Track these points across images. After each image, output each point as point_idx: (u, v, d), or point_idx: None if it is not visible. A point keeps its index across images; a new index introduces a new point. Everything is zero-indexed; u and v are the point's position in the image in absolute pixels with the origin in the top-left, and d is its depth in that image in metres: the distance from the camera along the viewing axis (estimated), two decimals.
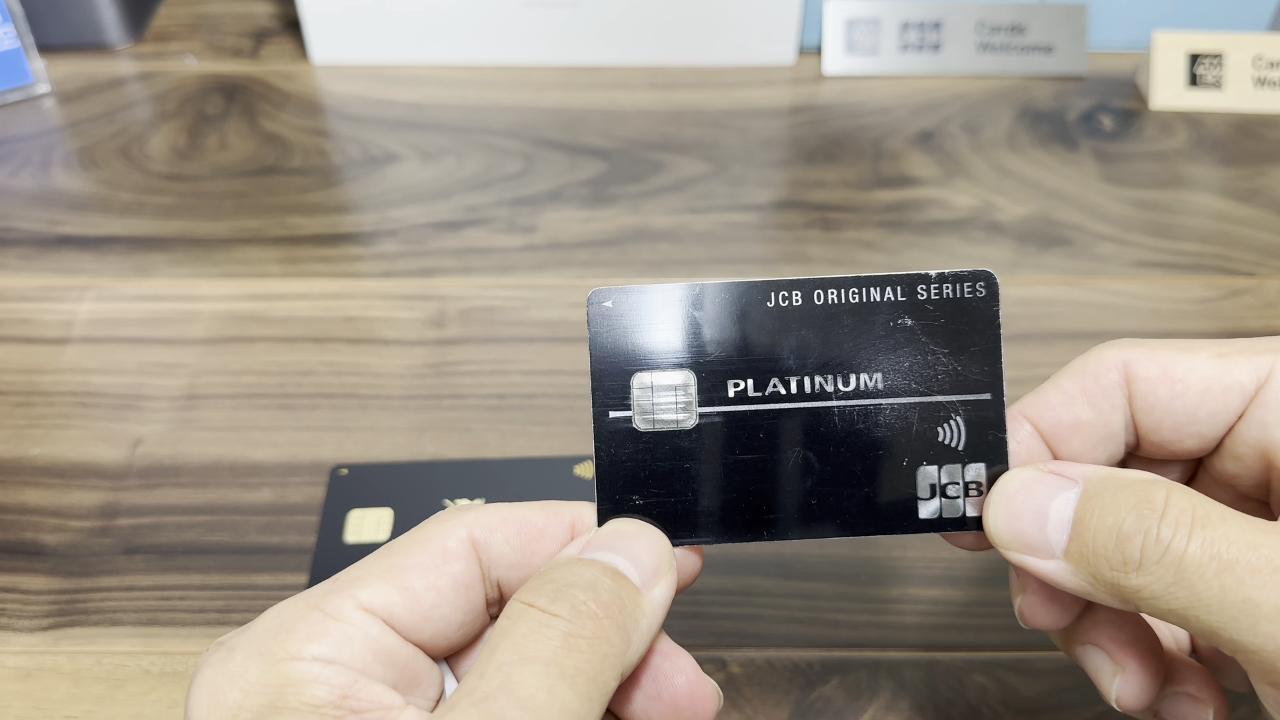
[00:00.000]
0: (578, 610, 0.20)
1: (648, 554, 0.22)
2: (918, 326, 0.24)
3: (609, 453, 0.24)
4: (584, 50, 0.60)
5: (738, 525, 0.24)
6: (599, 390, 0.24)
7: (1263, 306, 0.47)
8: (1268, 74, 0.58)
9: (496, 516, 0.23)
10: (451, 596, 0.21)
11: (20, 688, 0.34)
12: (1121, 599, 0.21)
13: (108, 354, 0.44)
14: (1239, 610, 0.19)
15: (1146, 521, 0.20)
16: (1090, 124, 0.57)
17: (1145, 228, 0.51)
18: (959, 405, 0.24)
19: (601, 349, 0.24)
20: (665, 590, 0.22)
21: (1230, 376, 0.23)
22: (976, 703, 0.34)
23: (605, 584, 0.21)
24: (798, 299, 0.24)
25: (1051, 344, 0.45)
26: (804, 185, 0.53)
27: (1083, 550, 0.21)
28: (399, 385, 0.43)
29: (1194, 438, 0.24)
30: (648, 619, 0.21)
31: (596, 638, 0.20)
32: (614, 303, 0.24)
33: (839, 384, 0.24)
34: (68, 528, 0.38)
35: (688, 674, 0.22)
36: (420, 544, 0.22)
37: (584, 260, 0.49)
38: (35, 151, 0.55)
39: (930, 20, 0.59)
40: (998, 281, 0.25)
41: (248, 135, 0.56)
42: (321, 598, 0.21)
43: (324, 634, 0.20)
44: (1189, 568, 0.20)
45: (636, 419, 0.24)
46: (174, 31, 0.63)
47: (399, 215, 0.51)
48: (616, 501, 0.23)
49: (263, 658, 0.20)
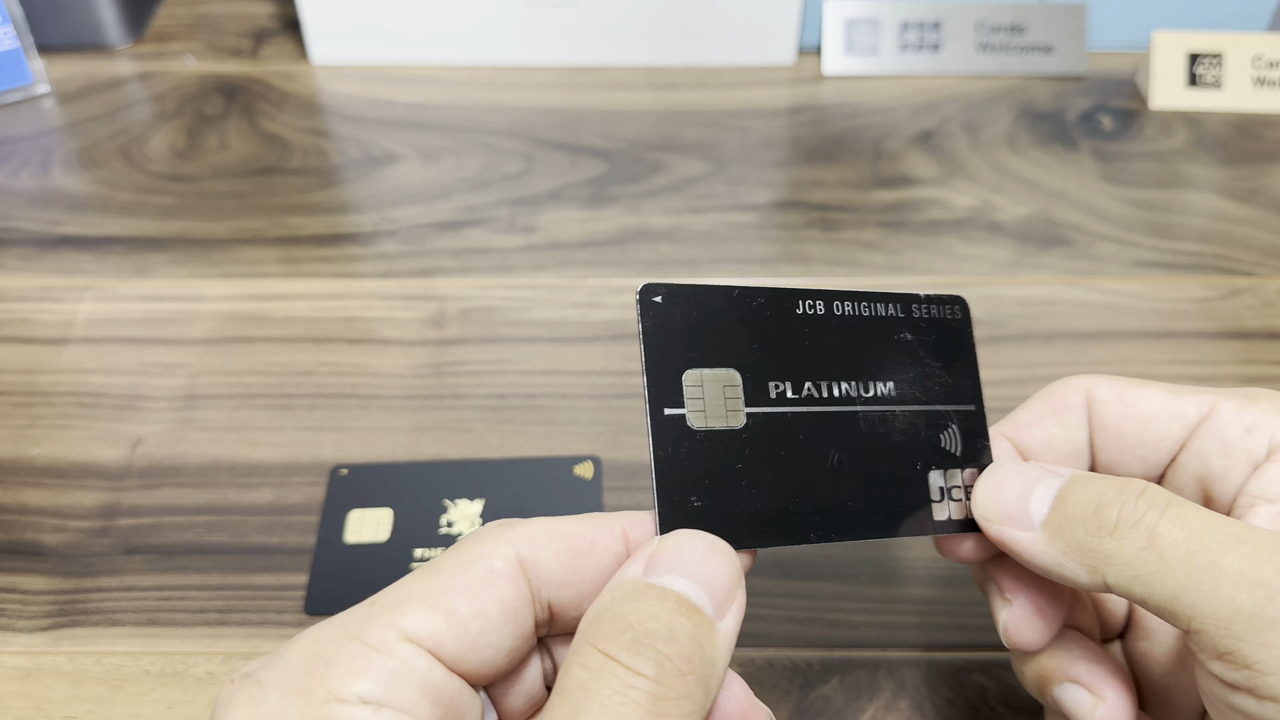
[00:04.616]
0: (663, 669, 0.19)
1: (720, 576, 0.21)
2: (916, 341, 0.26)
3: (667, 450, 0.22)
4: (584, 50, 0.60)
5: (788, 527, 0.23)
6: (654, 386, 0.23)
7: (1262, 306, 0.47)
8: (1267, 74, 0.58)
9: (543, 532, 0.21)
10: (500, 622, 0.20)
11: (20, 688, 0.34)
12: (1090, 567, 0.22)
13: (108, 354, 0.44)
14: (1203, 573, 0.20)
15: (1125, 495, 0.22)
16: (1090, 124, 0.57)
17: (1145, 227, 0.51)
18: (954, 414, 0.26)
19: (654, 344, 0.23)
20: (736, 617, 0.21)
21: (1176, 407, 0.25)
22: (976, 703, 0.34)
23: (684, 628, 0.19)
24: (820, 308, 0.25)
25: (1051, 344, 0.45)
26: (804, 185, 0.53)
27: (1061, 519, 0.23)
28: (399, 385, 0.43)
29: (1139, 460, 0.26)
30: (723, 657, 0.20)
31: (682, 698, 0.19)
32: (663, 297, 0.23)
33: (861, 390, 0.25)
34: (68, 528, 0.38)
35: (740, 701, 0.22)
36: (463, 564, 0.20)
37: (584, 260, 0.49)
38: (35, 151, 0.55)
39: (930, 20, 0.59)
40: (968, 305, 0.27)
41: (247, 135, 0.56)
42: (361, 626, 0.19)
43: (367, 669, 0.19)
44: (1161, 534, 0.21)
45: (690, 416, 0.23)
46: (174, 31, 0.63)
47: (399, 215, 0.51)
48: (676, 503, 0.22)
49: (302, 698, 0.18)
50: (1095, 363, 0.44)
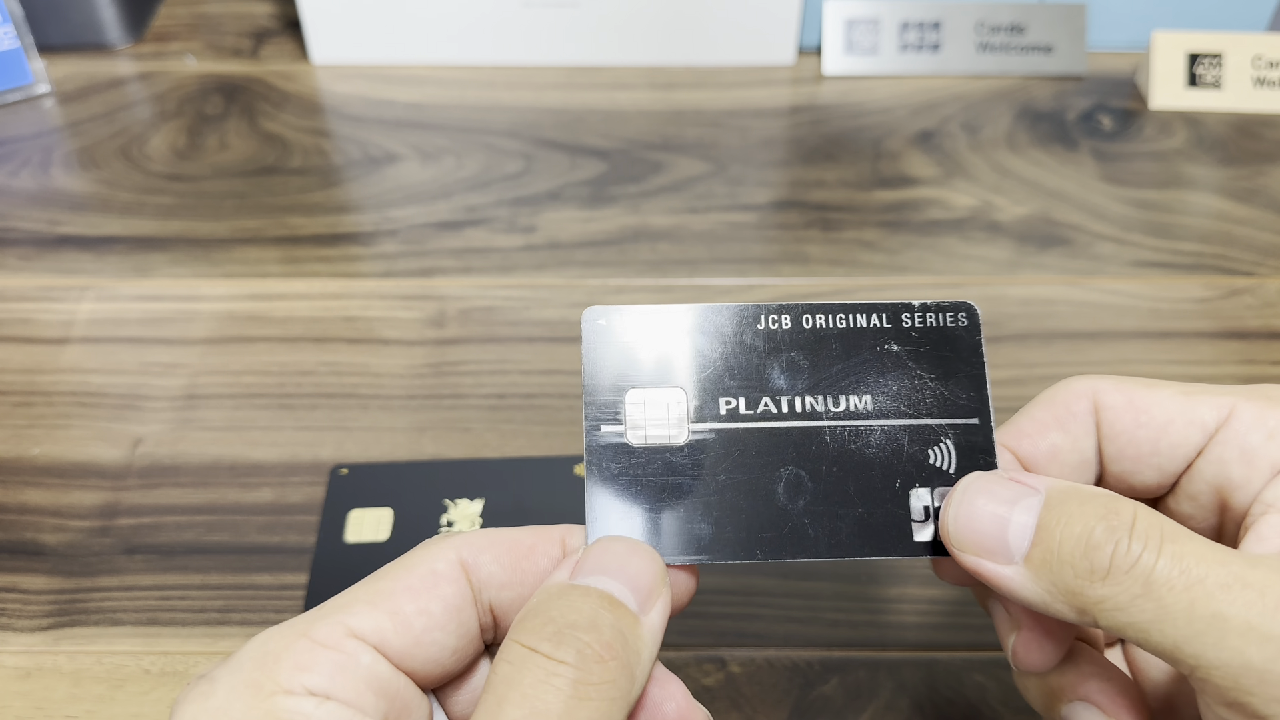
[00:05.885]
0: (584, 656, 0.19)
1: (642, 574, 0.21)
2: (904, 352, 0.25)
3: (600, 467, 0.23)
4: (584, 50, 0.60)
5: (731, 543, 0.23)
6: (591, 405, 0.24)
7: (1262, 306, 0.47)
8: (1267, 74, 0.58)
9: (484, 538, 0.22)
10: (443, 620, 0.21)
11: (20, 688, 0.34)
12: (1080, 609, 0.21)
13: (108, 354, 0.44)
14: (1207, 625, 0.19)
15: (1117, 533, 0.20)
16: (1090, 124, 0.57)
17: (1145, 227, 0.51)
18: (948, 429, 0.24)
19: (594, 366, 0.24)
20: (661, 612, 0.21)
21: (1193, 412, 0.24)
22: (976, 703, 0.34)
23: (605, 619, 0.20)
24: (787, 323, 0.25)
25: (1051, 344, 0.45)
26: (804, 185, 0.53)
27: (1046, 557, 0.21)
28: (399, 385, 0.43)
29: (1154, 470, 0.24)
30: (648, 648, 0.21)
31: (604, 683, 0.19)
32: (608, 321, 0.24)
33: (829, 404, 0.24)
34: (68, 528, 0.38)
35: (678, 700, 0.22)
36: (408, 568, 0.21)
37: (584, 260, 0.49)
38: (35, 151, 0.55)
39: (930, 20, 0.59)
40: (978, 312, 0.25)
41: (248, 135, 0.56)
42: (309, 624, 0.20)
43: (314, 663, 0.19)
44: (1158, 581, 0.20)
45: (629, 433, 0.24)
46: (174, 31, 0.63)
47: (399, 215, 0.51)
48: (608, 516, 0.23)
49: (249, 691, 0.19)
50: (1095, 363, 0.44)
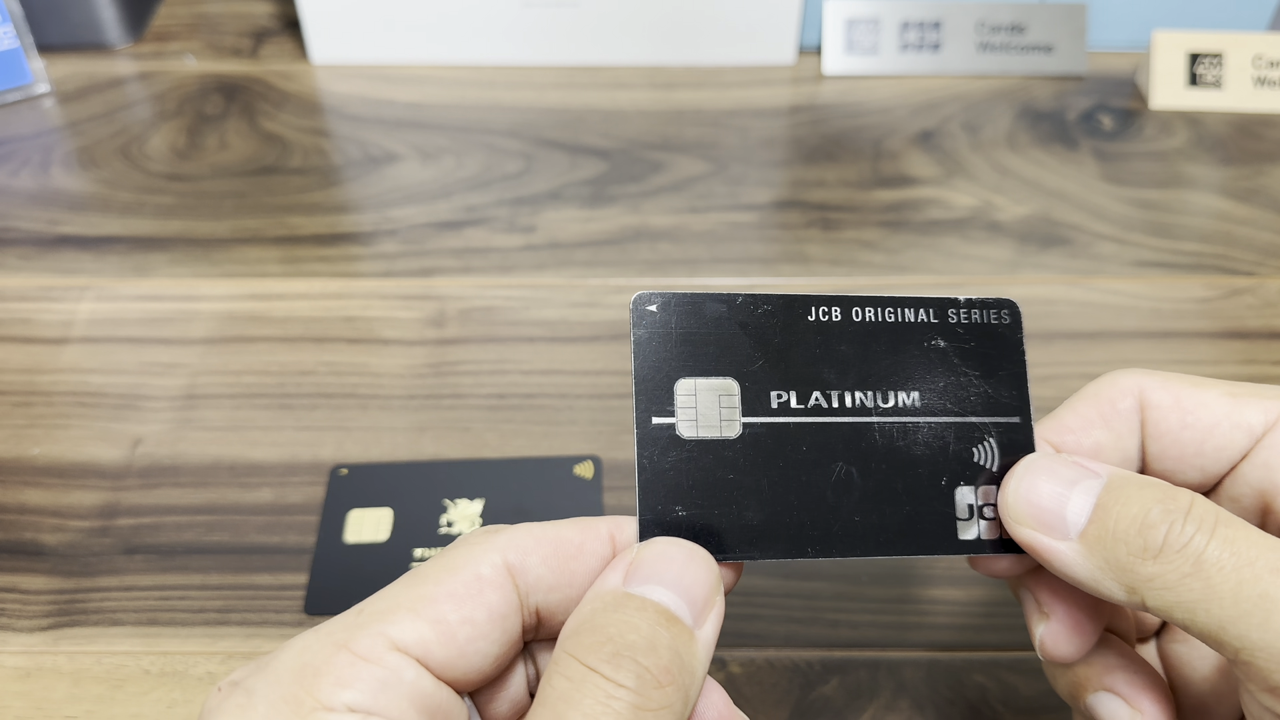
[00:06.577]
0: (643, 680, 0.19)
1: (697, 584, 0.21)
2: (950, 349, 0.24)
3: (652, 460, 0.22)
4: (584, 50, 0.60)
5: (781, 540, 0.23)
6: (642, 395, 0.23)
7: (1263, 306, 0.47)
8: (1267, 74, 0.58)
9: (530, 537, 0.21)
10: (487, 629, 0.20)
11: (20, 688, 0.34)
12: (1129, 587, 0.21)
13: (107, 354, 0.44)
14: (1254, 605, 0.19)
15: (1172, 515, 0.20)
16: (1090, 124, 0.57)
17: (1145, 227, 0.51)
18: (991, 427, 0.24)
19: (645, 353, 0.23)
20: (715, 625, 0.21)
21: (1240, 415, 0.23)
22: (976, 703, 0.34)
23: (663, 639, 0.20)
24: (837, 314, 0.24)
25: (1051, 344, 0.45)
26: (804, 185, 0.53)
27: (1101, 534, 0.21)
28: (399, 385, 0.43)
29: (1197, 471, 0.24)
30: (702, 665, 0.20)
31: (662, 708, 0.19)
32: (658, 306, 0.23)
33: (879, 400, 0.24)
34: (68, 528, 0.38)
35: (719, 709, 0.22)
36: (451, 571, 0.20)
37: (584, 260, 0.49)
38: (35, 151, 0.55)
39: (930, 20, 0.59)
40: (1020, 310, 0.25)
41: (247, 135, 0.56)
42: (349, 635, 0.19)
43: (355, 678, 0.19)
44: (1208, 561, 0.20)
45: (680, 425, 0.23)
46: (174, 31, 0.63)
47: (399, 215, 0.51)
48: (659, 512, 0.22)
49: (289, 706, 0.18)
50: (1095, 362, 0.44)
